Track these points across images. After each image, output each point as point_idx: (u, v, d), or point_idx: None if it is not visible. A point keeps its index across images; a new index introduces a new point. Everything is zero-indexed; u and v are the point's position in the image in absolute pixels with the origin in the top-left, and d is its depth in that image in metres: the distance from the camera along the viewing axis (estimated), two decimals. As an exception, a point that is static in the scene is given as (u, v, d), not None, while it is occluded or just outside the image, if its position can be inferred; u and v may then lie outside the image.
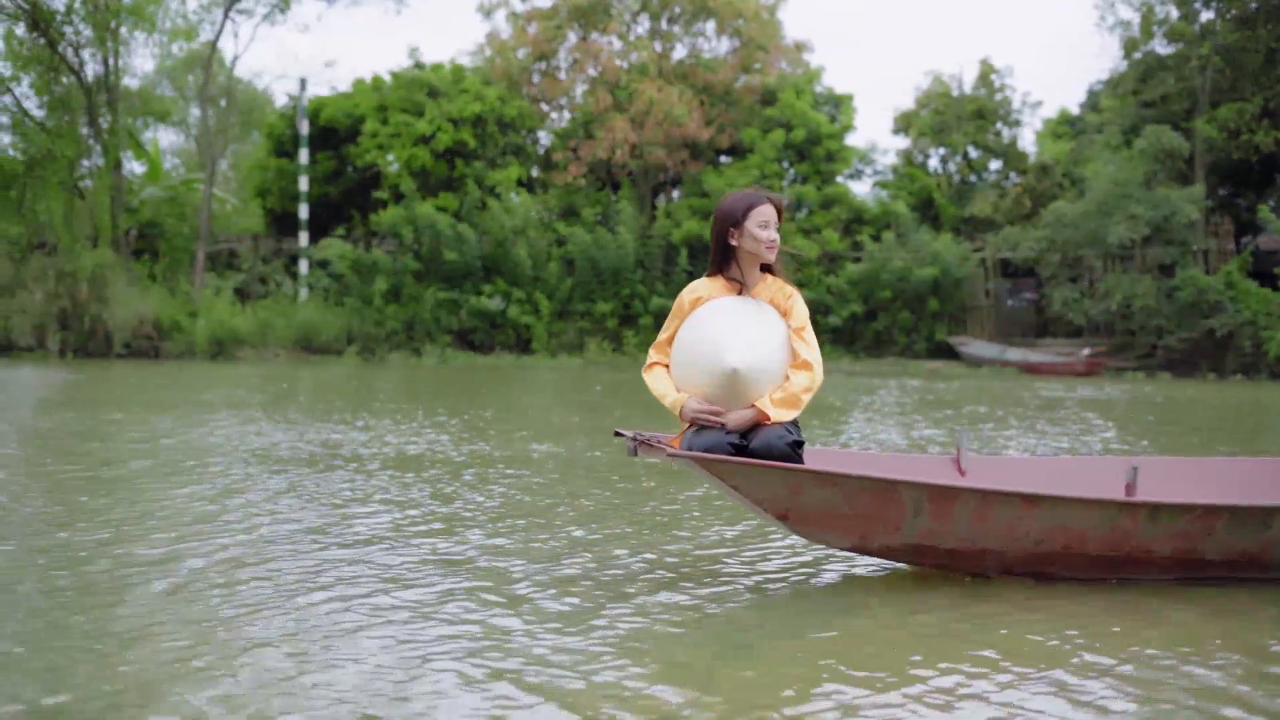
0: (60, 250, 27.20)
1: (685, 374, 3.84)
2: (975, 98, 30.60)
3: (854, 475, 3.63)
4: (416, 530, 4.71)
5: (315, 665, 2.87)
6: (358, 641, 3.07)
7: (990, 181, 31.10)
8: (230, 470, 6.55)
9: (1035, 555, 3.79)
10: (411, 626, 3.23)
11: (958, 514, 3.68)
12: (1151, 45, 28.23)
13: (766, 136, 28.49)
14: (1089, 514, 3.69)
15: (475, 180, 28.35)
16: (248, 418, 10.08)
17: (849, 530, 3.76)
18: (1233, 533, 3.76)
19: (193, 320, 26.74)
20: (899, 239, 27.51)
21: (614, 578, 3.89)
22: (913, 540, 3.76)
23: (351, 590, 3.64)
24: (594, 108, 28.32)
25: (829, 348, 27.49)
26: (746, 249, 3.88)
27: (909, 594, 3.72)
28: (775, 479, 3.62)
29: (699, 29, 30.18)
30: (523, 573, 3.93)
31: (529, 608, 3.46)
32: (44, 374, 19.43)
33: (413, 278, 27.25)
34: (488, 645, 3.06)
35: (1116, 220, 24.79)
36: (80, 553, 4.18)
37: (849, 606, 3.56)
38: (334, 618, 3.30)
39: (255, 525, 4.78)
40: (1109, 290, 25.17)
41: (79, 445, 7.81)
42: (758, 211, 3.86)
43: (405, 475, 6.42)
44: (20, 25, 27.52)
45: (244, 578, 3.79)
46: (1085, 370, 23.64)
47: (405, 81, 28.83)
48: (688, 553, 4.35)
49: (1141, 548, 3.77)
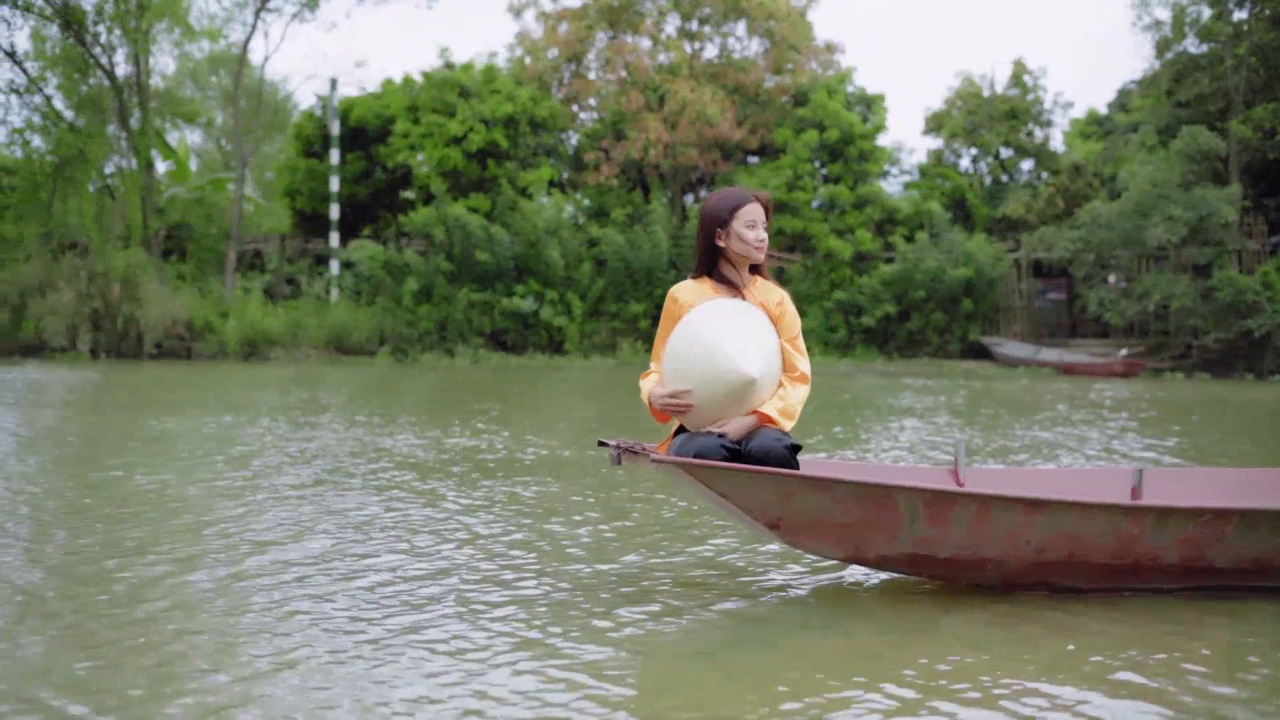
0: (92, 251, 27.18)
1: (683, 382, 3.61)
2: (1007, 98, 30.51)
3: (847, 480, 3.48)
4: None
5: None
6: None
7: (1022, 182, 31.00)
8: (422, 479, 6.50)
9: (1038, 564, 3.62)
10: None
11: (956, 521, 3.52)
12: (1183, 45, 28.14)
13: (799, 137, 28.41)
14: (1093, 519, 3.53)
15: (507, 181, 28.30)
16: (356, 423, 10.01)
17: (843, 540, 3.60)
18: (1244, 538, 3.57)
19: (224, 321, 26.70)
20: (932, 239, 27.43)
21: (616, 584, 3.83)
22: (909, 549, 3.60)
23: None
24: (627, 107, 28.25)
25: (861, 348, 27.43)
26: (735, 250, 3.74)
27: (903, 606, 3.60)
28: (766, 485, 3.46)
29: (729, 29, 30.11)
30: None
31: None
32: (85, 374, 19.38)
33: (445, 279, 27.18)
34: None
35: (1154, 221, 24.68)
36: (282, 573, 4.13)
37: (834, 620, 3.44)
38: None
39: (493, 540, 4.72)
40: (1146, 290, 25.07)
41: (226, 448, 7.75)
42: (744, 211, 3.72)
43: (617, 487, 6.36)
44: (53, 26, 27.51)
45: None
46: (1124, 371, 23.54)
47: (436, 81, 28.77)
48: (713, 560, 4.27)
49: (1148, 555, 3.59)
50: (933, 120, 31.21)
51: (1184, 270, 25.48)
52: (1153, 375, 23.80)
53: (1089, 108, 34.37)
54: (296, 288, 29.11)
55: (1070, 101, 36.08)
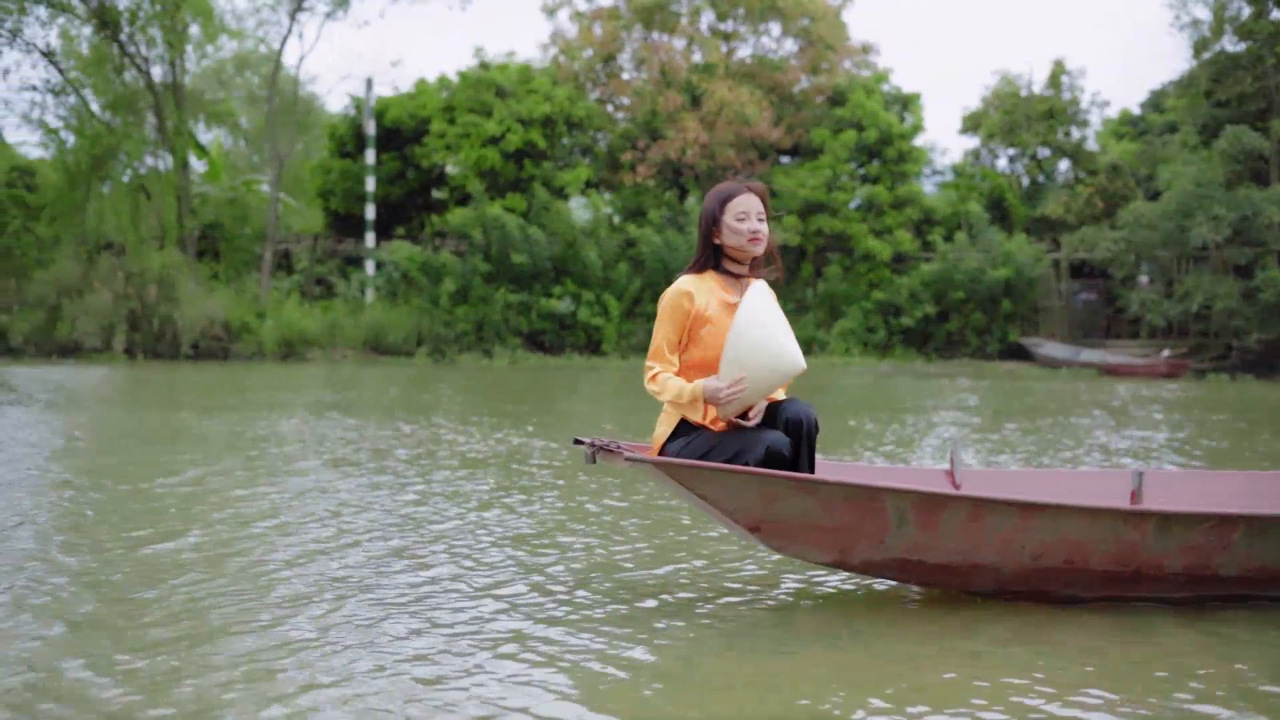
0: (128, 251, 27.15)
1: (738, 371, 3.42)
2: (1045, 98, 30.43)
3: (833, 482, 3.32)
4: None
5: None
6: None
7: (1060, 182, 30.93)
8: (531, 472, 6.44)
9: (1034, 572, 3.42)
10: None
11: (946, 524, 3.33)
12: (1221, 44, 28.02)
13: (838, 137, 28.35)
14: (1092, 524, 3.33)
15: (544, 181, 28.25)
16: (433, 422, 9.96)
17: (828, 543, 3.41)
18: (1252, 545, 3.37)
19: (260, 321, 26.65)
20: (971, 239, 27.36)
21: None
22: (898, 554, 3.41)
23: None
24: (664, 108, 28.19)
25: (900, 348, 27.35)
26: (730, 244, 3.60)
27: (891, 615, 3.43)
28: (748, 486, 3.30)
29: (764, 29, 30.06)
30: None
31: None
32: (128, 374, 19.35)
33: (482, 279, 27.14)
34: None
35: (1198, 221, 24.59)
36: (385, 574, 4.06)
37: (820, 628, 3.27)
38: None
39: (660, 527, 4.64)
40: (1189, 291, 24.98)
41: (348, 450, 7.69)
42: (734, 204, 3.58)
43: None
44: (88, 26, 27.50)
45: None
46: (1168, 372, 23.43)
47: (472, 82, 28.72)
48: (704, 569, 4.11)
49: (1151, 563, 3.39)
50: (970, 120, 31.15)
51: (1225, 271, 25.39)
52: (1195, 376, 23.70)
53: (1122, 108, 34.29)
54: (326, 288, 29.05)
55: (1107, 101, 35.99)
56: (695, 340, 3.56)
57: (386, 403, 12.53)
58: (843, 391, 16.44)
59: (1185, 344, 25.75)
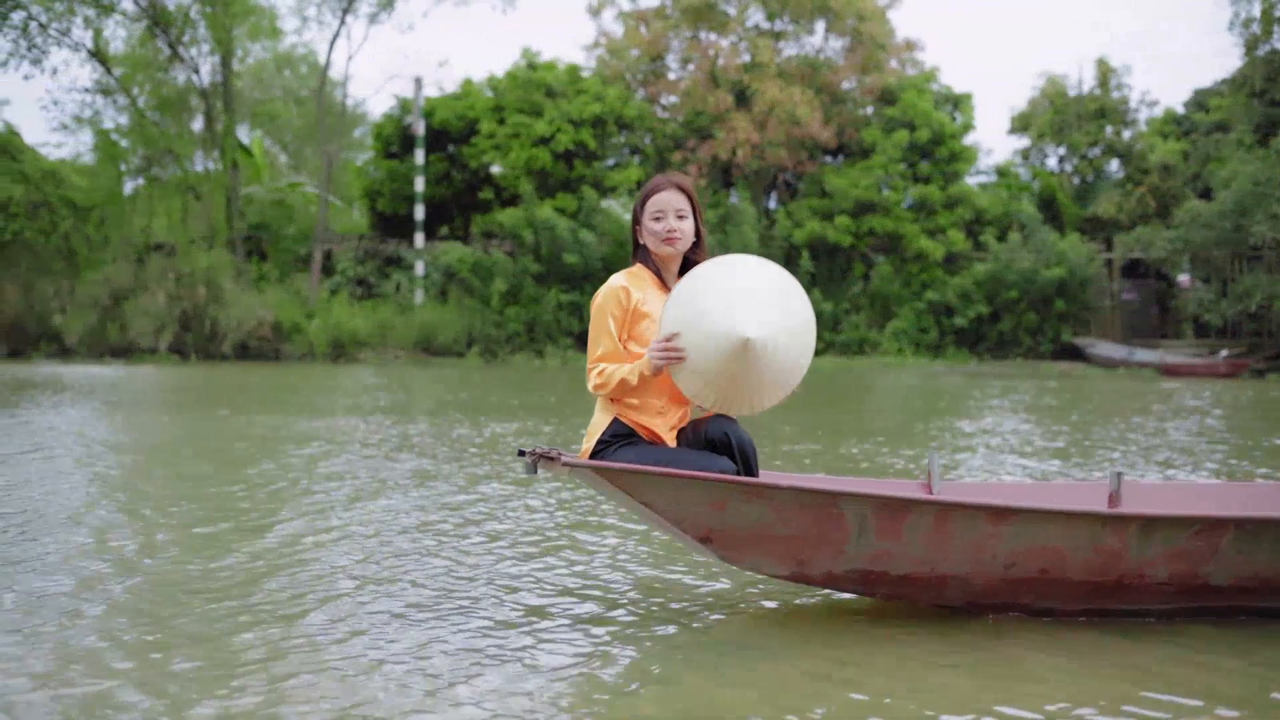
0: (178, 252, 27.18)
1: (673, 327, 3.10)
2: (1095, 97, 30.34)
3: (786, 487, 3.04)
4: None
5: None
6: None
7: (1112, 181, 30.84)
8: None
9: (1007, 582, 3.15)
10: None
11: (910, 532, 3.07)
12: (1271, 43, 27.88)
13: (889, 136, 28.28)
14: (1069, 530, 3.06)
15: (594, 181, 28.21)
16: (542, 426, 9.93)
17: (784, 554, 3.14)
18: (1242, 551, 3.10)
19: (310, 322, 26.65)
20: (1025, 239, 27.28)
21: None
22: (860, 566, 3.13)
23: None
24: (714, 108, 28.15)
25: (952, 349, 27.26)
26: (650, 245, 3.32)
27: (847, 632, 3.14)
28: (695, 493, 3.03)
29: (811, 27, 29.99)
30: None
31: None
32: (185, 374, 19.36)
33: (533, 280, 27.11)
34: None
35: (1257, 219, 24.48)
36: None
37: (769, 648, 3.00)
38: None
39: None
40: (1247, 290, 24.88)
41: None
42: (652, 201, 3.29)
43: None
44: (137, 25, 27.54)
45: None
46: (1228, 372, 23.32)
47: (521, 82, 28.68)
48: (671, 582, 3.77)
49: (1134, 572, 3.11)
50: (1019, 120, 31.07)
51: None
52: (1255, 376, 23.59)
53: (1166, 107, 34.19)
54: (368, 289, 28.98)
55: (1155, 100, 35.87)
56: (636, 338, 3.26)
57: (514, 405, 12.50)
58: (934, 395, 16.34)
59: (1240, 344, 25.65)
